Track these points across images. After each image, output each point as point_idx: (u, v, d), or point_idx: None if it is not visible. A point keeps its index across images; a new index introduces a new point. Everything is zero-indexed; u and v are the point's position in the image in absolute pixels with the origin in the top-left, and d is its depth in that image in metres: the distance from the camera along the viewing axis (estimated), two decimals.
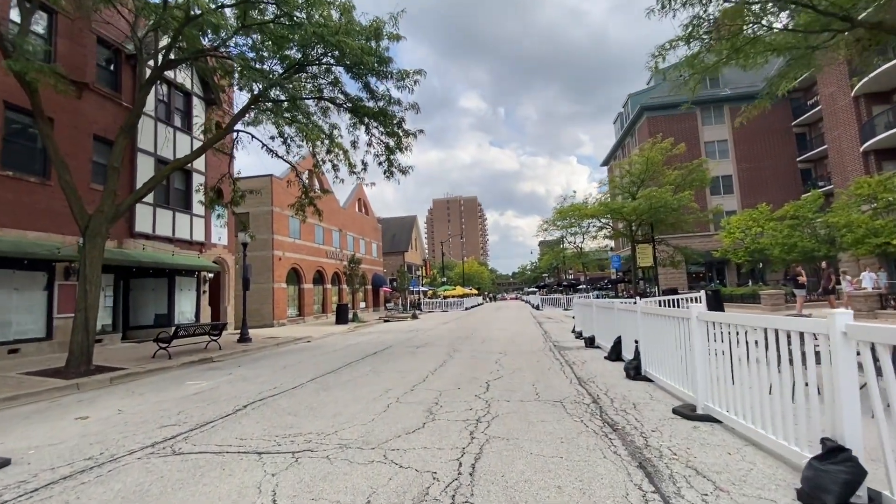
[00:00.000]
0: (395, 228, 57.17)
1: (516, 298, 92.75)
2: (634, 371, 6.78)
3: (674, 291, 20.73)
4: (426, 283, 60.79)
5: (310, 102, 14.66)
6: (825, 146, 34.04)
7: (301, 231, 26.97)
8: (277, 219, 24.24)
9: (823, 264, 14.02)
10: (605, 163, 57.35)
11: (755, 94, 36.41)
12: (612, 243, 51.90)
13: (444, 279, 63.28)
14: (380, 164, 14.31)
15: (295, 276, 26.56)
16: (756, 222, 26.17)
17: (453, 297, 51.80)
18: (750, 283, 31.08)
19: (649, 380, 6.55)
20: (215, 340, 13.96)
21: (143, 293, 16.77)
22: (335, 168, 15.91)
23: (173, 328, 12.47)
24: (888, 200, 18.17)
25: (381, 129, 14.25)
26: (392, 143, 14.21)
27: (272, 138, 15.32)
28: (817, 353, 3.46)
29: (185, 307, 17.79)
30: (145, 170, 15.79)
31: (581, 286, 52.61)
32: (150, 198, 15.97)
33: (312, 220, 28.01)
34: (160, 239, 16.47)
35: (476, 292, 68.50)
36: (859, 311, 12.69)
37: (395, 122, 13.61)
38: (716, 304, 15.03)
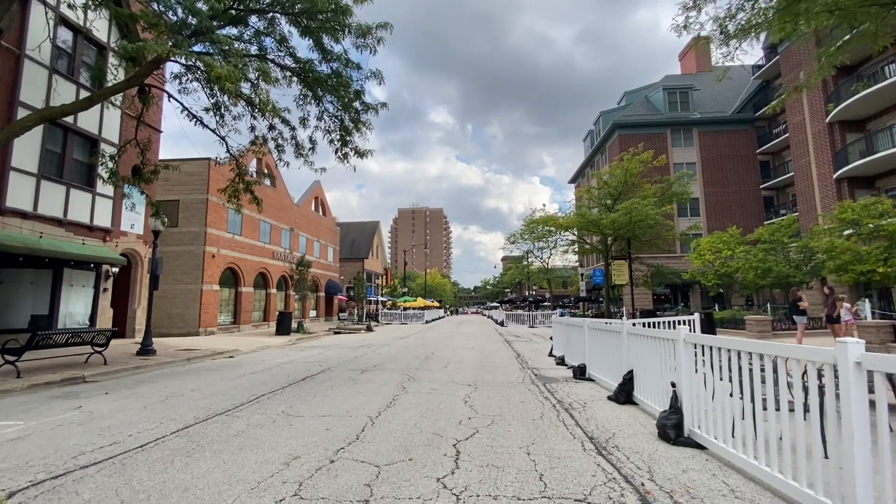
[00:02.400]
0: (356, 234, 54.00)
1: (477, 313, 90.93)
2: (675, 431, 4.54)
3: (651, 314, 19.12)
4: (386, 293, 57.74)
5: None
6: (788, 174, 34.45)
7: (243, 226, 23.64)
8: (213, 209, 20.92)
9: (826, 289, 12.63)
10: (572, 180, 56.96)
11: (724, 119, 36.75)
12: (575, 259, 51.12)
13: (406, 289, 60.43)
14: (330, 141, 11.73)
15: (232, 278, 23.13)
16: (726, 245, 25.47)
17: (414, 308, 49.05)
18: (717, 307, 30.42)
19: (698, 445, 4.33)
20: (99, 353, 10.75)
21: (18, 288, 13.18)
22: (279, 148, 13.29)
23: (30, 335, 9.24)
24: (871, 227, 17.40)
25: (335, 101, 11.72)
26: (347, 120, 11.69)
27: (206, 110, 12.57)
28: None
29: (77, 308, 14.27)
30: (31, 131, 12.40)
31: (546, 303, 51.29)
32: (32, 166, 12.59)
33: (257, 215, 24.79)
34: (45, 220, 13.02)
35: (437, 305, 65.99)
36: (870, 344, 11.29)
37: (350, 90, 11.11)
38: (709, 328, 13.37)
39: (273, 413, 5.72)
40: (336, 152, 11.54)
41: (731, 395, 4.11)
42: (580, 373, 8.64)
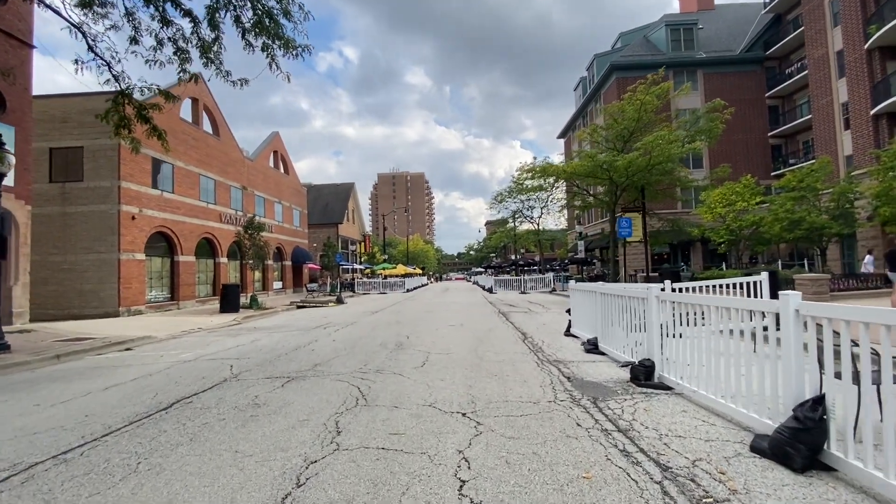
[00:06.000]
0: (329, 197, 49.49)
1: (462, 279, 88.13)
2: None
3: (676, 275, 15.89)
4: (365, 261, 54.02)
5: None
6: (801, 118, 31.30)
7: (175, 181, 19.28)
8: (130, 159, 16.52)
9: None
10: (562, 135, 52.94)
11: (731, 59, 32.94)
12: (564, 219, 47.88)
13: (385, 256, 56.68)
14: (238, 23, 7.63)
15: (165, 245, 18.99)
16: (740, 197, 22.37)
17: (394, 276, 45.56)
18: (724, 266, 27.77)
19: None
20: None
21: None
22: (180, 53, 9.17)
23: None
24: None
25: None
26: None
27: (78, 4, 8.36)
28: None
29: None
30: None
31: (535, 266, 48.39)
32: None
33: (195, 168, 20.41)
34: None
35: (420, 272, 62.64)
36: None
37: None
38: (775, 291, 10.13)
39: None
40: (243, 35, 7.48)
41: None
42: (646, 375, 5.22)
